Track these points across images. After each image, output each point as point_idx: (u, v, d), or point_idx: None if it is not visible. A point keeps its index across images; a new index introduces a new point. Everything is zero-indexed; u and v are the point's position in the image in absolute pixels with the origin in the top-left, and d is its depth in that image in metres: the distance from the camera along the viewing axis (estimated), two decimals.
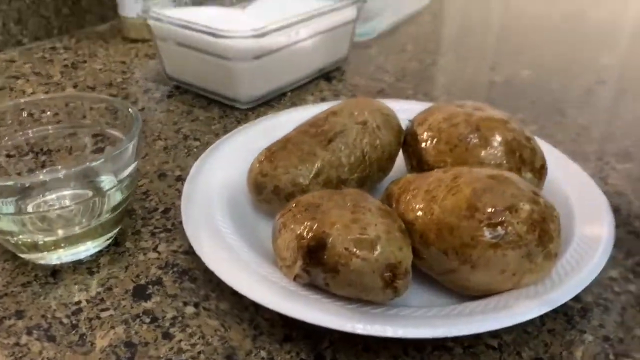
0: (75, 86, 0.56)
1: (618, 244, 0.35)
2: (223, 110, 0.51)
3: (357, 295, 0.27)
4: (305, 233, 0.27)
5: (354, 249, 0.26)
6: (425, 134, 0.36)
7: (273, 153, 0.34)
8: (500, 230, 0.27)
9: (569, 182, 0.37)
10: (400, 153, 0.38)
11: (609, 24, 0.76)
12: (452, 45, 0.68)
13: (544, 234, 0.27)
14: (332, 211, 0.28)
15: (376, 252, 0.26)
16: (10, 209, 0.32)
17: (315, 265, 0.26)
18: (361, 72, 0.59)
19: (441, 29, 0.74)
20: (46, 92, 0.54)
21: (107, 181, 0.34)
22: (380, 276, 0.26)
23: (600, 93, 0.56)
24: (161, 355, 0.28)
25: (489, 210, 0.27)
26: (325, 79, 0.58)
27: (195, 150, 0.45)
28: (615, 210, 0.38)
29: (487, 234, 0.27)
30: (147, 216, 0.37)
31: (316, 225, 0.27)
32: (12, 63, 0.61)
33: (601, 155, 0.45)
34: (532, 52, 0.66)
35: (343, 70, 0.60)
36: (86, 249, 0.34)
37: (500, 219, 0.27)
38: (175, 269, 0.33)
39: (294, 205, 0.30)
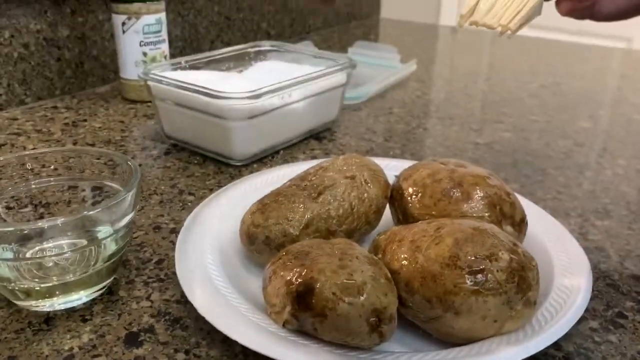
0: (75, 143, 0.58)
1: (598, 296, 0.36)
2: (218, 167, 0.53)
3: (344, 339, 0.28)
4: (294, 279, 0.28)
5: (341, 294, 0.27)
6: (411, 188, 0.38)
7: (265, 205, 0.36)
8: (480, 277, 0.28)
9: (549, 236, 0.38)
10: (388, 206, 0.40)
11: (586, 92, 0.80)
12: (437, 109, 0.71)
13: (522, 282, 0.29)
14: (321, 258, 0.29)
15: (362, 297, 0.27)
16: (9, 255, 0.33)
17: (304, 310, 0.27)
18: (351, 133, 0.62)
19: (427, 94, 0.77)
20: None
21: (103, 231, 0.35)
22: (366, 321, 0.27)
23: (580, 154, 0.58)
24: None
25: (470, 258, 0.28)
26: (316, 138, 0.60)
27: (189, 204, 0.46)
28: (595, 265, 0.40)
29: (468, 281, 0.28)
30: (141, 266, 0.38)
31: (305, 271, 0.28)
32: (15, 121, 0.63)
33: (581, 212, 0.47)
34: (514, 116, 0.69)
35: (333, 130, 0.62)
36: (79, 297, 0.34)
37: (480, 267, 0.28)
38: (167, 317, 0.34)
39: (284, 253, 0.31)
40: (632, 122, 0.68)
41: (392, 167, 0.43)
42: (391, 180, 0.40)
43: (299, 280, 0.28)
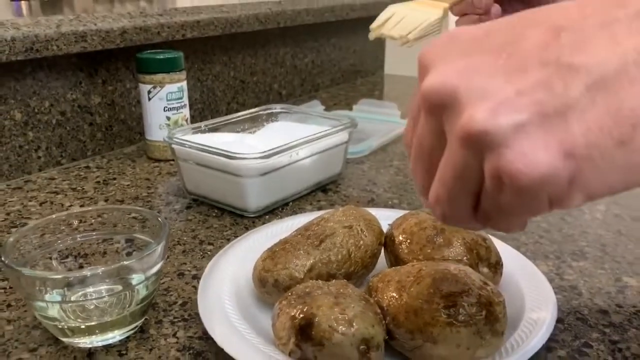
0: (106, 200, 0.65)
1: (568, 328, 0.41)
2: (234, 219, 0.59)
3: None
4: (297, 314, 0.34)
5: (336, 326, 0.32)
6: (401, 236, 0.43)
7: (274, 253, 0.42)
8: (453, 311, 0.33)
9: (524, 277, 0.44)
10: (383, 252, 0.45)
11: None
12: None
13: (490, 314, 0.34)
14: (319, 297, 0.34)
15: (353, 329, 0.32)
16: (57, 298, 0.39)
17: (305, 340, 0.33)
18: (354, 185, 0.68)
19: None
20: (81, 206, 0.63)
21: (136, 278, 0.41)
22: (357, 348, 0.32)
23: None
24: None
25: (445, 295, 0.34)
26: (322, 190, 0.66)
27: (209, 253, 0.52)
28: (568, 301, 0.45)
29: (443, 314, 0.33)
30: (167, 308, 0.44)
31: (306, 307, 0.34)
32: (52, 180, 0.71)
33: (559, 255, 0.52)
34: None
35: (338, 183, 0.69)
36: (114, 336, 0.40)
37: (453, 302, 0.34)
38: (191, 351, 0.39)
39: (290, 294, 0.37)
40: None
41: (386, 217, 0.49)
42: (385, 228, 0.46)
43: (301, 315, 0.33)
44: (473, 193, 0.24)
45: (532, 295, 0.41)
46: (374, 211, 0.48)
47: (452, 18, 0.50)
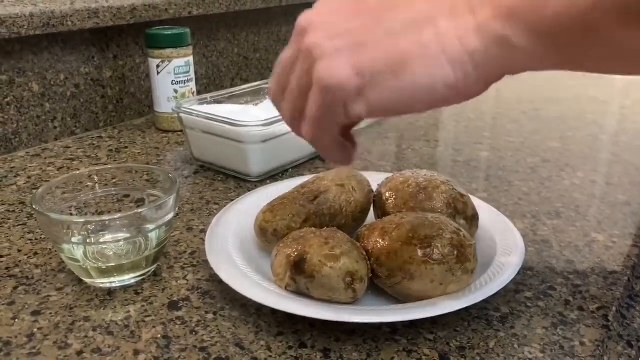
0: None
1: (536, 275, 0.46)
2: (238, 183, 0.64)
3: (328, 295, 0.38)
4: (292, 253, 0.39)
5: (325, 261, 0.37)
6: (387, 193, 0.48)
7: (273, 206, 0.47)
8: (428, 250, 0.38)
9: (498, 230, 0.48)
10: (372, 209, 0.50)
11: (561, 117, 0.90)
12: (426, 134, 0.82)
13: (461, 255, 0.39)
14: (312, 239, 0.39)
15: (340, 263, 0.37)
16: (80, 240, 0.44)
17: (299, 274, 0.38)
18: None
19: (419, 121, 0.88)
20: None
21: (150, 227, 0.46)
22: (343, 280, 0.37)
23: (544, 169, 0.68)
24: (189, 344, 0.38)
25: (421, 237, 0.39)
26: (321, 158, 0.71)
27: (215, 211, 0.57)
28: (539, 253, 0.49)
29: (419, 253, 0.38)
30: (178, 257, 0.49)
31: (300, 247, 0.39)
32: (68, 149, 0.75)
33: (536, 214, 0.56)
34: (492, 139, 0.79)
35: None
36: (129, 278, 0.45)
37: (429, 243, 0.38)
38: (199, 291, 0.44)
39: (287, 238, 0.41)
40: (597, 141, 0.78)
41: (377, 179, 0.53)
42: (375, 188, 0.51)
43: (296, 253, 0.38)
44: (334, 124, 0.34)
45: (503, 244, 0.46)
46: (365, 174, 0.53)
47: None
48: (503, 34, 0.29)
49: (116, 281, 0.45)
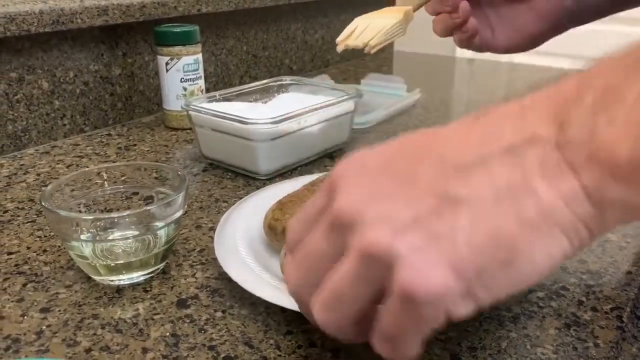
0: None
1: (549, 275, 0.46)
2: (246, 181, 0.64)
3: None
4: None
5: None
6: None
7: (282, 204, 0.46)
8: None
9: None
10: None
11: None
12: None
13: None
14: None
15: None
16: (89, 237, 0.44)
17: None
18: None
19: (429, 119, 0.88)
20: None
21: (159, 225, 0.45)
22: None
23: None
24: (198, 342, 0.38)
25: None
26: (329, 157, 0.71)
27: (224, 209, 0.57)
28: None
29: None
30: (187, 254, 0.49)
31: None
32: (77, 146, 0.76)
33: None
34: None
35: (345, 150, 0.73)
36: (138, 276, 0.45)
37: None
38: (208, 289, 0.44)
39: None
40: None
41: None
42: None
43: None
44: (360, 305, 0.27)
45: None
46: None
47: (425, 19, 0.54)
48: (622, 197, 0.23)
49: (125, 279, 0.44)
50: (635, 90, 0.23)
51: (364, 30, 0.48)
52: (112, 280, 0.44)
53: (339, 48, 0.49)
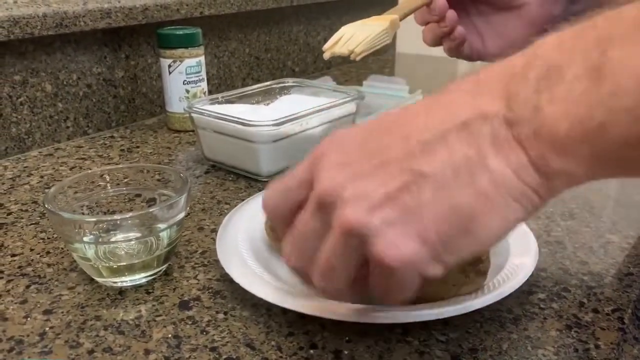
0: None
1: (549, 276, 0.46)
2: (248, 183, 0.64)
3: None
4: None
5: None
6: None
7: None
8: None
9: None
10: None
11: None
12: None
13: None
14: None
15: None
16: (91, 239, 0.44)
17: None
18: None
19: None
20: None
21: (161, 227, 0.46)
22: None
23: None
24: (200, 344, 0.38)
25: None
26: None
27: (226, 211, 0.57)
28: (552, 254, 0.49)
29: None
30: (189, 256, 0.49)
31: None
32: (80, 148, 0.76)
33: (550, 215, 0.56)
34: None
35: None
36: (140, 277, 0.45)
37: None
38: (210, 290, 0.44)
39: None
40: None
41: None
42: None
43: None
44: (350, 272, 0.30)
45: (516, 245, 0.45)
46: None
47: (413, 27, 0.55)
48: (564, 167, 0.26)
49: (127, 280, 0.45)
50: (574, 70, 0.25)
51: (350, 38, 0.48)
52: (114, 282, 0.45)
53: (326, 55, 0.50)
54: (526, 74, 0.27)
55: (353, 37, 0.49)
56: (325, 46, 0.50)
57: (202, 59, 0.80)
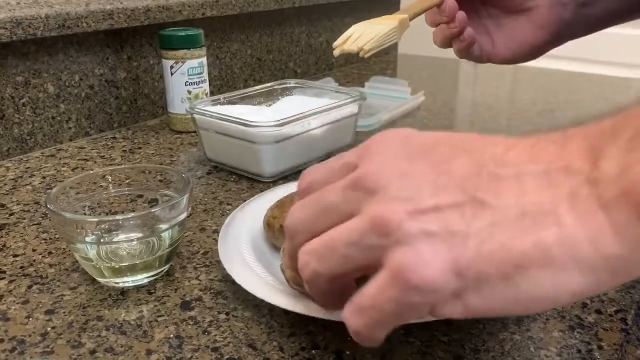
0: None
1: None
2: (250, 184, 0.64)
3: None
4: None
5: None
6: None
7: (282, 202, 0.47)
8: None
9: None
10: None
11: (577, 118, 0.89)
12: None
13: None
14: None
15: None
16: (94, 239, 0.44)
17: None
18: None
19: (433, 122, 0.88)
20: None
21: (163, 227, 0.46)
22: None
23: None
24: (202, 344, 0.38)
25: None
26: None
27: (228, 211, 0.57)
28: None
29: None
30: (191, 257, 0.49)
31: None
32: (82, 149, 0.76)
33: None
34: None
35: None
36: (143, 278, 0.45)
37: None
38: (212, 291, 0.44)
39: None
40: None
41: None
42: None
43: None
44: (347, 266, 0.27)
45: None
46: None
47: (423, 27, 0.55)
48: None
49: (129, 281, 0.45)
50: None
51: (360, 37, 0.49)
52: (116, 283, 0.45)
53: (336, 53, 0.50)
54: (616, 134, 0.24)
55: (363, 35, 0.49)
56: (336, 44, 0.50)
57: (205, 60, 0.80)
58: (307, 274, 0.29)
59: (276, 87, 0.77)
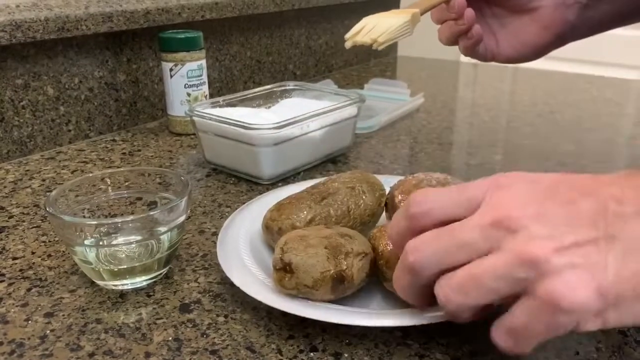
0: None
1: None
2: (249, 186, 0.64)
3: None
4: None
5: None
6: (400, 195, 0.48)
7: (281, 205, 0.47)
8: None
9: None
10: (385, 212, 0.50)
11: (576, 119, 0.89)
12: (439, 137, 0.81)
13: None
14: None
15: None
16: (92, 242, 0.45)
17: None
18: (362, 157, 0.73)
19: (432, 123, 0.88)
20: None
21: (162, 230, 0.46)
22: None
23: (557, 170, 0.67)
24: (200, 347, 0.38)
25: None
26: (332, 162, 0.71)
27: (227, 214, 0.57)
28: None
29: None
30: (190, 259, 0.49)
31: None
32: (82, 151, 0.76)
33: None
34: (507, 142, 0.78)
35: (347, 155, 0.73)
36: (141, 281, 0.45)
37: None
38: (210, 293, 0.44)
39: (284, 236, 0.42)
40: (614, 144, 0.77)
41: (390, 182, 0.53)
42: (388, 191, 0.50)
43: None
44: (492, 296, 0.30)
45: None
46: (380, 177, 0.53)
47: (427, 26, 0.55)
48: None
49: (128, 283, 0.45)
50: None
51: (372, 29, 0.48)
52: (115, 285, 0.45)
53: (348, 44, 0.50)
54: None
55: (375, 27, 0.49)
56: (347, 35, 0.50)
57: (204, 62, 0.80)
58: (452, 306, 0.32)
59: (275, 89, 0.78)
